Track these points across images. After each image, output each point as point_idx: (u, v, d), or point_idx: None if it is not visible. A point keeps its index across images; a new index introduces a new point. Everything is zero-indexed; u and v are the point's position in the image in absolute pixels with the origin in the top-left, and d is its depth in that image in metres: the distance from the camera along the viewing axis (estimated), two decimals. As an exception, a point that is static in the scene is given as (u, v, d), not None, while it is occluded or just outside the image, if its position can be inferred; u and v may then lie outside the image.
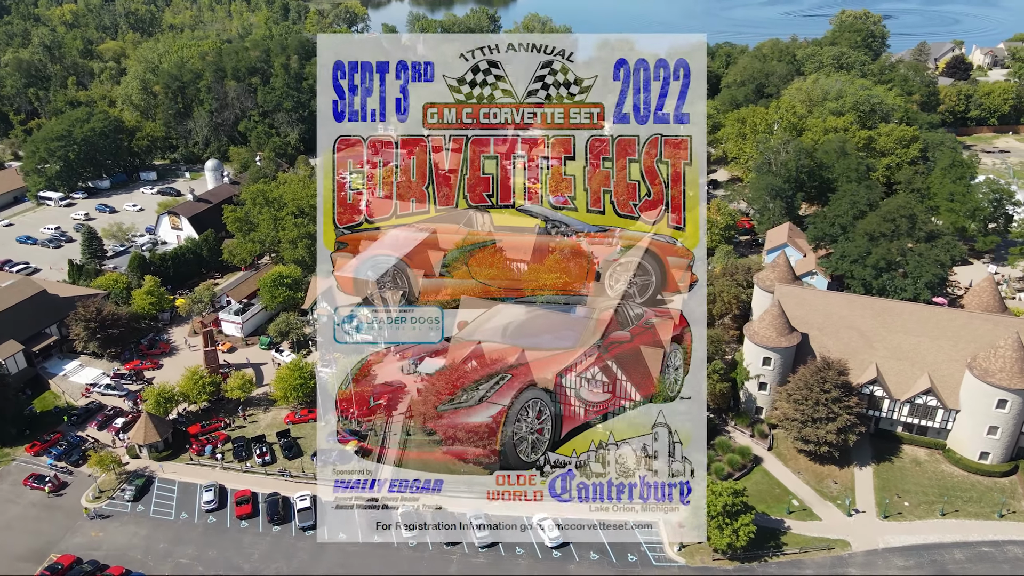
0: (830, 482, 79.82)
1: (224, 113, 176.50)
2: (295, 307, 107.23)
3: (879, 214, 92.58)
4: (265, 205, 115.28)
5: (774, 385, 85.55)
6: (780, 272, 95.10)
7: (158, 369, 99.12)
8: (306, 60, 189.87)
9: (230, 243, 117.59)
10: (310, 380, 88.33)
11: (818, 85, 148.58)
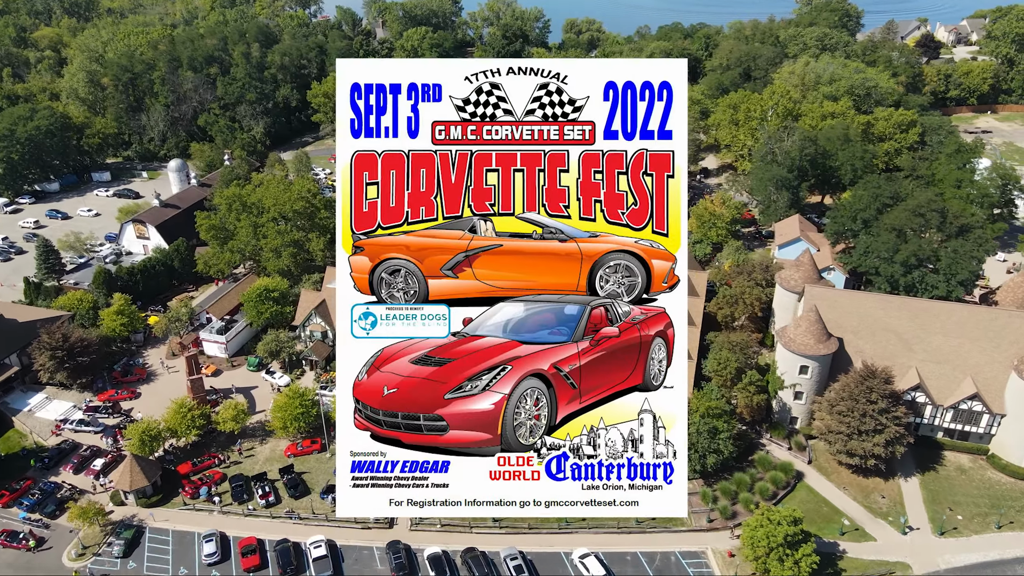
0: (877, 496, 75.83)
1: (181, 107, 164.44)
2: (284, 323, 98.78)
3: (907, 208, 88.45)
4: (243, 211, 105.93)
5: (811, 394, 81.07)
6: (805, 272, 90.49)
7: (136, 398, 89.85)
8: (267, 48, 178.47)
9: (204, 252, 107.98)
10: (312, 408, 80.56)
11: (810, 69, 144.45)
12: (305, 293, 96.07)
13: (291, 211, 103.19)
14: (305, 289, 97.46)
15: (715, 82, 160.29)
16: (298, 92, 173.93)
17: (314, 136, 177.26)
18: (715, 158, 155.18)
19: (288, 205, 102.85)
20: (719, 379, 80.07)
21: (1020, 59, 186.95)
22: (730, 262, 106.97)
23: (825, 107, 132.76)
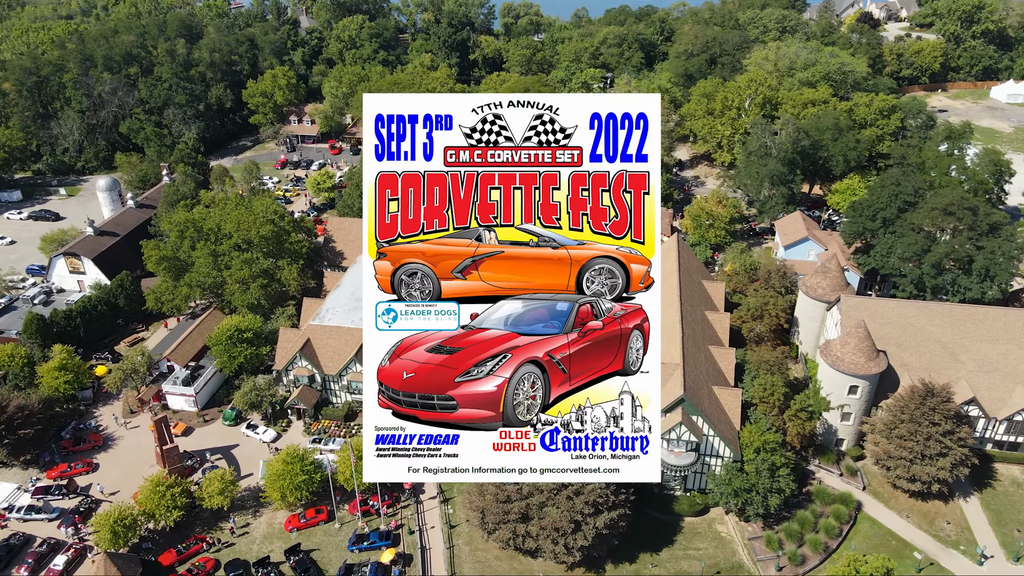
0: (942, 523, 71.04)
1: (99, 112, 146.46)
2: (261, 367, 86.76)
3: (936, 206, 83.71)
4: (198, 238, 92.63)
5: (859, 414, 75.55)
6: (833, 279, 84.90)
7: (94, 471, 76.55)
8: (192, 44, 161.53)
9: (154, 286, 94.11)
10: (316, 473, 69.70)
11: (782, 54, 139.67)
12: (284, 332, 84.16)
13: (257, 237, 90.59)
14: (283, 327, 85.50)
15: (680, 69, 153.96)
16: (232, 92, 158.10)
17: (253, 139, 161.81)
18: (687, 149, 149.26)
19: (253, 231, 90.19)
20: (766, 406, 73.48)
21: (966, 36, 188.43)
22: (735, 266, 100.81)
23: (805, 94, 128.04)
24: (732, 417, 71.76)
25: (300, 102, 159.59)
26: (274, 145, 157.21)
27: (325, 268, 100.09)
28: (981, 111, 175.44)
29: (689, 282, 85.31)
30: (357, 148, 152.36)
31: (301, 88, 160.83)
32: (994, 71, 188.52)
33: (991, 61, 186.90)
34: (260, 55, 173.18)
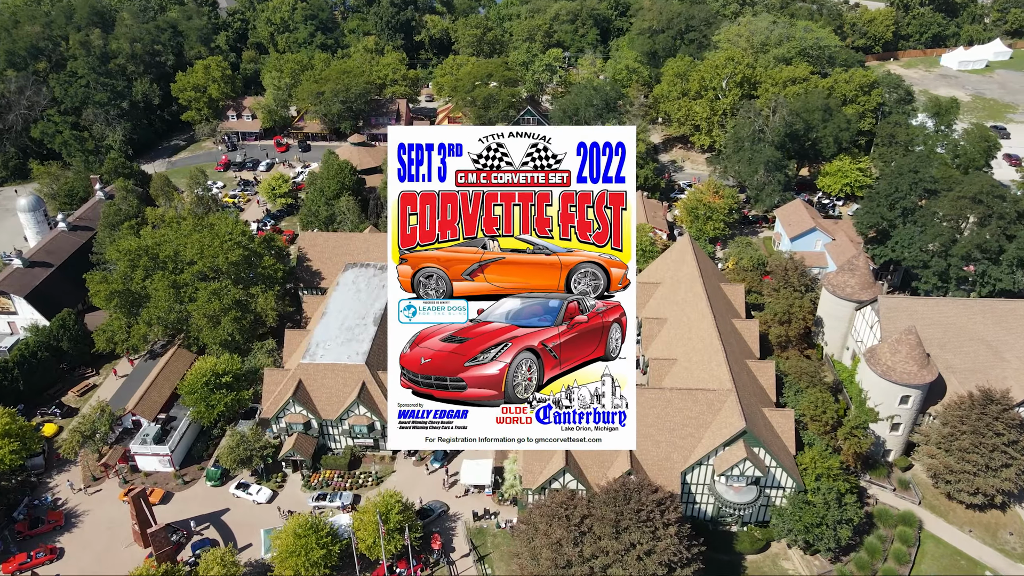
0: (1005, 534, 67.62)
1: (7, 116, 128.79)
2: (243, 413, 76.17)
3: (964, 194, 79.63)
4: (154, 267, 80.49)
5: (909, 424, 71.24)
6: (862, 277, 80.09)
7: (58, 559, 64.97)
8: (108, 32, 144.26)
9: (104, 325, 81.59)
10: (334, 544, 60.48)
11: (755, 29, 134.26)
12: (270, 374, 73.61)
13: (225, 264, 79.03)
14: (267, 367, 74.91)
15: (646, 47, 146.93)
16: (158, 86, 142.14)
17: (187, 138, 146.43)
18: (660, 132, 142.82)
19: (220, 257, 78.60)
20: (817, 425, 68.15)
21: (913, 3, 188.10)
22: (744, 262, 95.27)
23: (785, 72, 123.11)
24: (787, 441, 66.08)
25: (238, 95, 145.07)
26: (212, 144, 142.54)
27: (301, 291, 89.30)
28: (936, 79, 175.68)
29: (712, 289, 78.96)
30: (307, 144, 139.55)
31: (238, 80, 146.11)
32: (942, 38, 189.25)
33: (939, 28, 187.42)
34: (186, 43, 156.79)
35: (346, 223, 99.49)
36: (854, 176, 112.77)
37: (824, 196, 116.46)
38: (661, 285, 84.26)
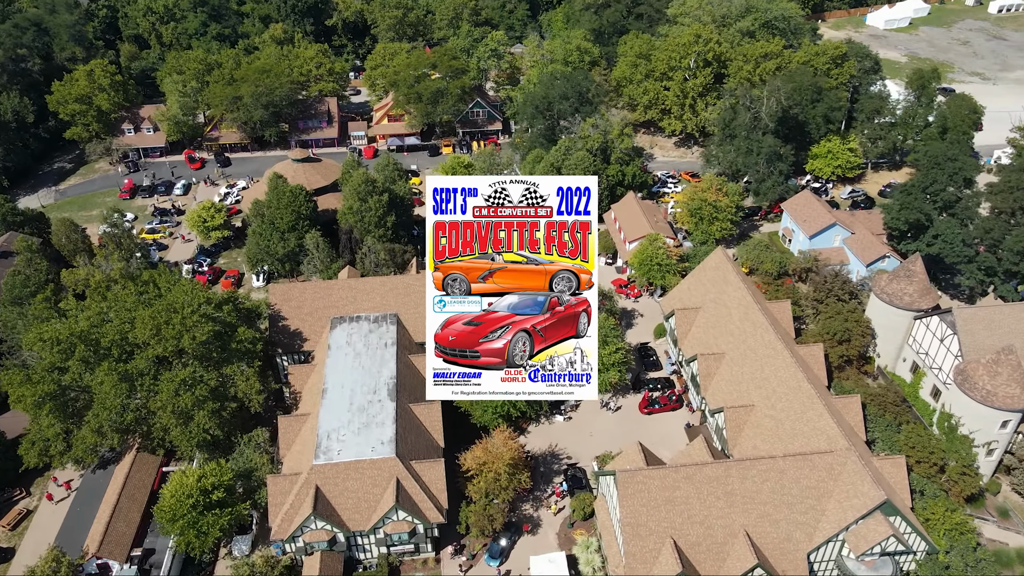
0: (1116, 557, 63.15)
1: None
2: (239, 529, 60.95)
3: (1012, 183, 73.86)
4: (96, 358, 62.89)
5: (1004, 448, 65.40)
6: (920, 284, 73.33)
7: None
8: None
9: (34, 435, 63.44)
10: None
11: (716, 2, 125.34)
12: (274, 483, 58.43)
13: (191, 345, 62.34)
14: (271, 475, 59.72)
15: (595, 25, 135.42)
16: (30, 99, 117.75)
17: (73, 159, 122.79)
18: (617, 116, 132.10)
19: (185, 338, 61.83)
20: (924, 467, 60.85)
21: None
22: (763, 265, 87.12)
23: (757, 48, 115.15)
24: (901, 493, 58.27)
25: (132, 104, 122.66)
26: (108, 165, 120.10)
27: (280, 358, 73.43)
28: (867, 40, 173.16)
29: (767, 315, 69.88)
30: (225, 158, 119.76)
31: (131, 86, 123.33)
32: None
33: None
34: (55, 43, 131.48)
35: (313, 263, 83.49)
36: (844, 157, 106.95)
37: (814, 179, 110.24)
38: (702, 310, 74.56)
